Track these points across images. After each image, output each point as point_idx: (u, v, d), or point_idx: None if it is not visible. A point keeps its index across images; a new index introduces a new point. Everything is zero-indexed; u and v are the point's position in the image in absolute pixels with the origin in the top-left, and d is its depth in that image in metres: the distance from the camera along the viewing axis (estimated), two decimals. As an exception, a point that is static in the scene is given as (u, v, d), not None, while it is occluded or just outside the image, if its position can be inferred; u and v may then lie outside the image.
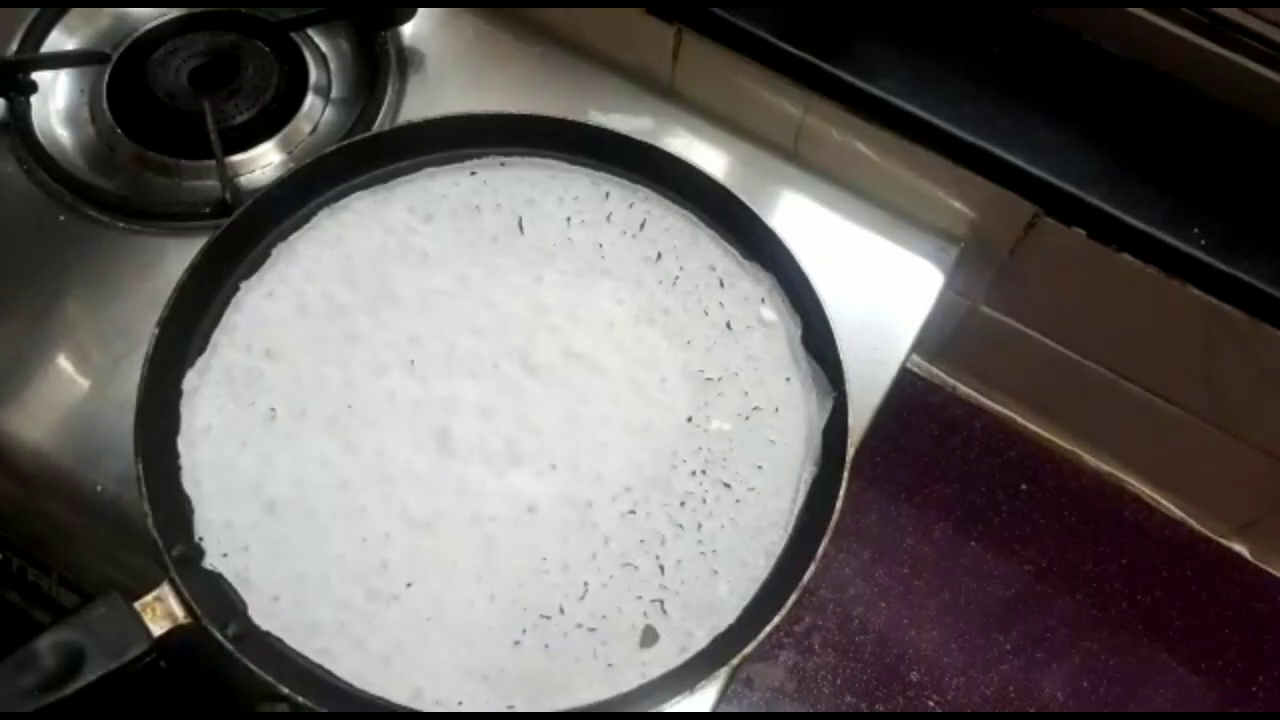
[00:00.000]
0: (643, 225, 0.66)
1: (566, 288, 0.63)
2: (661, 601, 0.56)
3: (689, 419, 0.61)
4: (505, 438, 0.59)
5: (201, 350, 0.60)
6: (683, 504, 0.58)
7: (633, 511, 0.58)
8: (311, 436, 0.58)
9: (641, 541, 0.57)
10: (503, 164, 0.67)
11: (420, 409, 0.59)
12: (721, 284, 0.64)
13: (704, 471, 0.59)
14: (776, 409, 0.61)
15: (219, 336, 0.61)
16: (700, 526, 0.58)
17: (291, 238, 0.64)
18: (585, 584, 0.56)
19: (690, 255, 0.65)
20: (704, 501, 0.59)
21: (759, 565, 0.57)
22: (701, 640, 0.55)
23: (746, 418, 0.61)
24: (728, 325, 0.63)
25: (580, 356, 0.61)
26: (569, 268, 0.64)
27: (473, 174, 0.67)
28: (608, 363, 0.61)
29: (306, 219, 0.64)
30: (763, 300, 0.64)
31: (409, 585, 0.55)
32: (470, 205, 0.66)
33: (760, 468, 0.60)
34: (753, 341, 0.63)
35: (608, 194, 0.66)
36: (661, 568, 0.57)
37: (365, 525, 0.56)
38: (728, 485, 0.59)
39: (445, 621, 0.55)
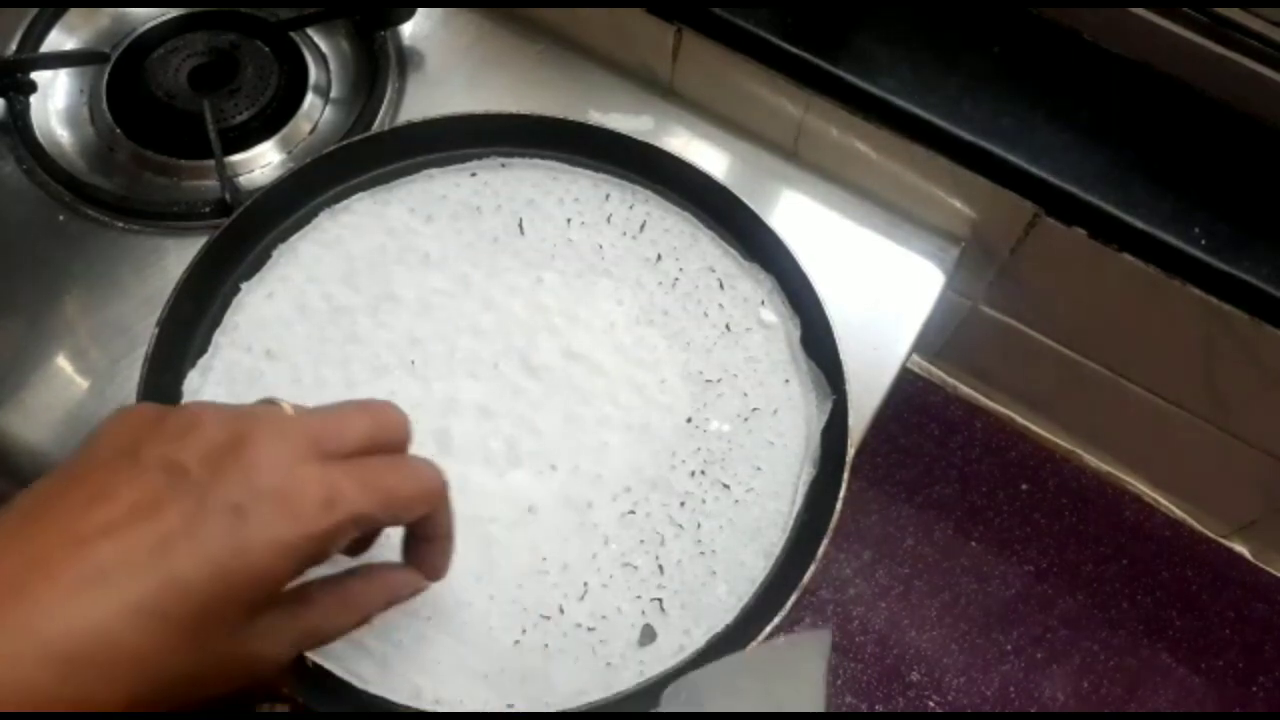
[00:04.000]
0: (643, 227, 0.66)
1: (566, 288, 0.63)
2: (660, 600, 0.56)
3: (688, 420, 0.61)
4: (506, 438, 0.59)
5: (203, 351, 0.60)
6: (682, 504, 0.58)
7: (632, 512, 0.58)
8: None
9: (641, 542, 0.57)
10: (503, 165, 0.67)
11: (420, 409, 0.59)
12: (721, 285, 0.64)
13: (703, 472, 0.59)
14: (775, 411, 0.61)
15: (220, 337, 0.61)
16: (700, 526, 0.58)
17: (292, 238, 0.64)
18: (585, 584, 0.56)
19: (690, 256, 0.65)
20: (703, 502, 0.59)
21: (757, 566, 0.57)
22: (699, 639, 0.55)
23: (745, 419, 0.61)
24: (727, 327, 0.63)
25: (580, 357, 0.61)
26: (569, 269, 0.64)
27: (473, 175, 0.67)
28: (607, 363, 0.61)
29: (307, 219, 0.64)
30: (762, 302, 0.64)
31: (409, 586, 0.55)
32: (471, 206, 0.66)
33: (759, 469, 0.60)
34: (752, 343, 0.63)
35: (608, 195, 0.66)
36: (661, 568, 0.57)
37: (365, 526, 0.56)
38: (726, 486, 0.59)
39: (445, 621, 0.55)
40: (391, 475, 0.40)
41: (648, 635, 0.55)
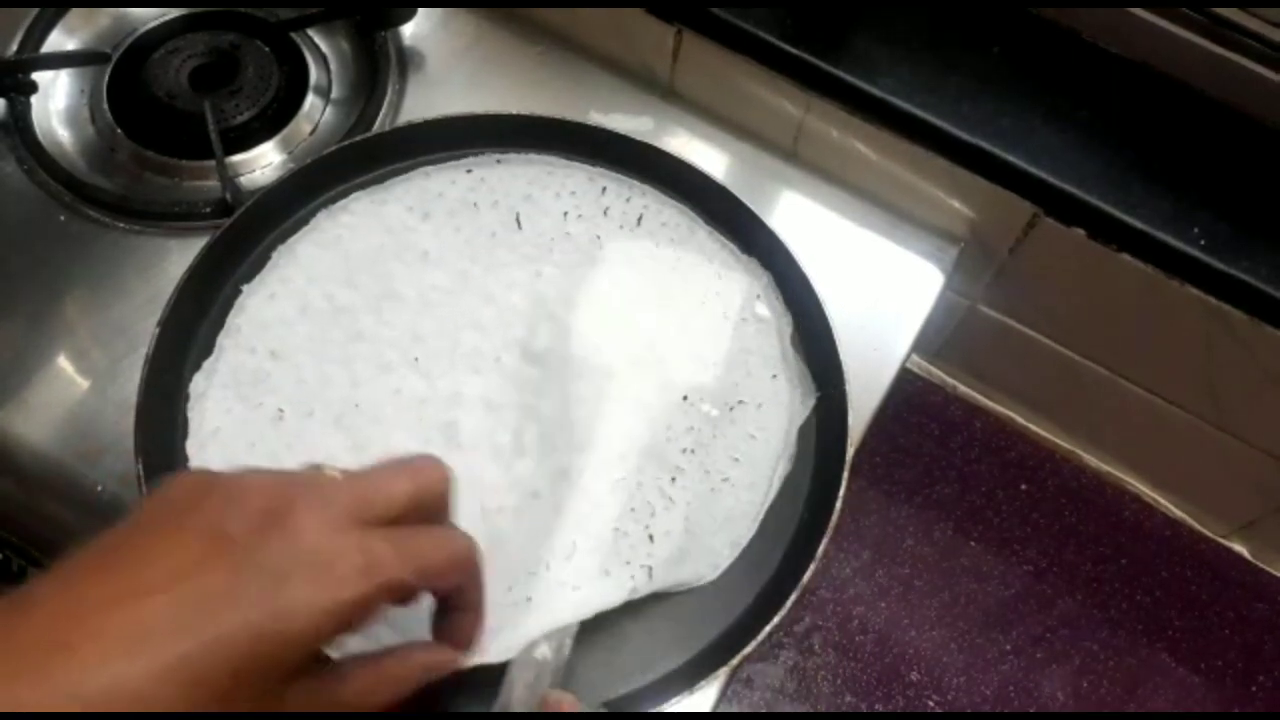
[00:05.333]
0: (640, 220, 0.66)
1: (565, 279, 0.63)
2: (650, 569, 0.56)
3: (684, 398, 0.60)
4: (512, 430, 0.59)
5: (207, 353, 0.60)
6: (673, 479, 0.58)
7: (624, 479, 0.58)
8: (319, 436, 0.58)
9: (632, 510, 0.57)
10: (499, 161, 0.67)
11: (426, 405, 0.59)
12: (719, 276, 0.64)
13: (693, 451, 0.59)
14: (760, 405, 0.61)
15: (224, 339, 0.60)
16: (688, 503, 0.58)
17: (291, 240, 0.64)
18: (574, 544, 0.56)
19: (688, 247, 0.65)
20: (690, 480, 0.59)
21: (723, 554, 0.58)
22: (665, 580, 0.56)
23: (731, 409, 0.61)
24: (724, 315, 0.63)
25: (579, 340, 0.61)
26: (567, 260, 0.64)
27: (469, 171, 0.66)
28: (606, 348, 0.61)
29: (306, 220, 0.64)
30: (758, 296, 0.64)
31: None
32: (468, 203, 0.66)
33: (737, 460, 0.60)
34: (746, 334, 0.63)
35: (604, 189, 0.66)
36: (651, 537, 0.57)
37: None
38: (707, 472, 0.59)
39: None
40: (428, 543, 0.41)
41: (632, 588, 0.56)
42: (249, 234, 0.63)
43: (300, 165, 0.65)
